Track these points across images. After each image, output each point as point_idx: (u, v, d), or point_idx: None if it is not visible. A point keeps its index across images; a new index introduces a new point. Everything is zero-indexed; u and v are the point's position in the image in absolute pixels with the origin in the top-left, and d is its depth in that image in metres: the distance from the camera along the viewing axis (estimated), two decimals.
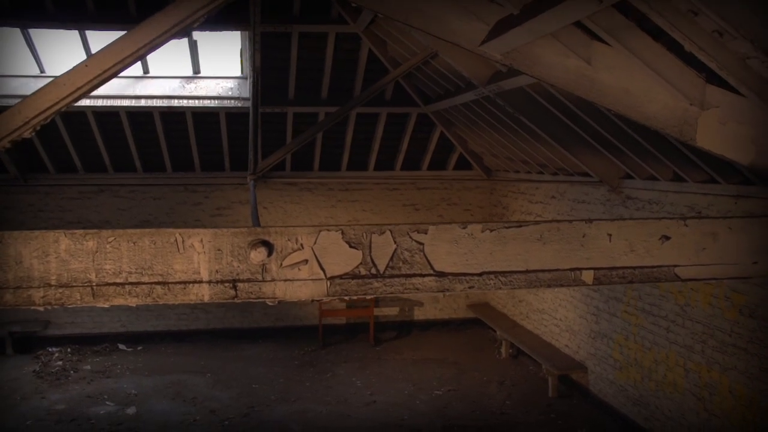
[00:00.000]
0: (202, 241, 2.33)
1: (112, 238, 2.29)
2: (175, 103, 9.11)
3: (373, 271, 2.41)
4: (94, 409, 7.96)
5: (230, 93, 9.28)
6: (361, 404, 8.18)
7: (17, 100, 8.73)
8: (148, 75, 9.37)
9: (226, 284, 2.34)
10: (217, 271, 2.35)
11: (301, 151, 9.93)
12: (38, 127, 2.40)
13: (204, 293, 2.33)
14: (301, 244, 2.38)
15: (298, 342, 10.52)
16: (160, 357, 10.00)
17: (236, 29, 8.13)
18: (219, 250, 2.35)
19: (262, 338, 10.78)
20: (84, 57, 8.95)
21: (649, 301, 6.90)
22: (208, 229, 2.34)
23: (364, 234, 2.41)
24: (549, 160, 8.39)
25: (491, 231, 2.48)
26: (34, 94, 2.41)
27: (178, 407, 8.08)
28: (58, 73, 9.22)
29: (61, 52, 9.67)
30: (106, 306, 2.29)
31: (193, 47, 9.06)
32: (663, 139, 5.74)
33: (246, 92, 9.21)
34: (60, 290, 2.27)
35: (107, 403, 8.17)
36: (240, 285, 2.35)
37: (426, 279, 2.44)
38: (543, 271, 2.52)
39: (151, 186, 10.39)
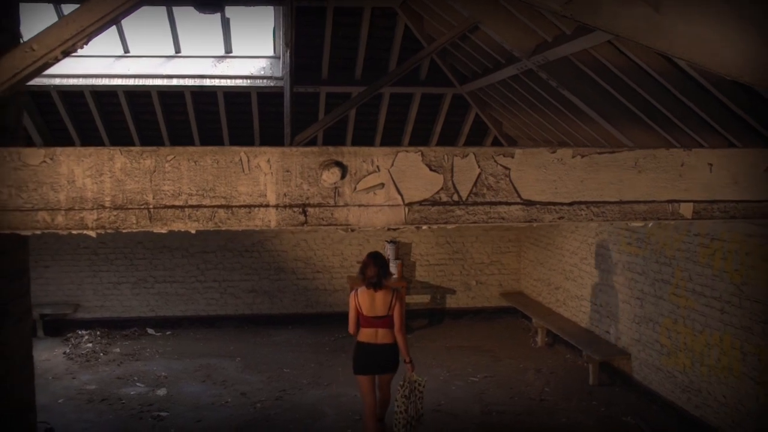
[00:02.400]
0: (269, 161, 2.12)
1: (172, 156, 2.09)
2: (207, 82, 8.95)
3: (455, 197, 2.18)
4: (125, 390, 7.83)
5: (262, 72, 9.10)
6: None
7: (50, 80, 8.46)
8: (179, 54, 9.24)
9: (295, 209, 2.13)
10: (285, 195, 2.13)
11: (333, 133, 9.73)
12: (92, 37, 2.22)
13: (271, 218, 2.11)
14: (377, 167, 2.15)
15: (328, 328, 10.32)
16: (189, 341, 9.88)
17: (270, 4, 7.97)
18: (288, 171, 2.13)
19: (292, 324, 10.61)
20: (116, 33, 8.86)
21: (700, 281, 6.60)
22: (276, 148, 2.13)
23: (446, 156, 2.18)
24: (591, 140, 8.10)
25: (582, 157, 2.24)
26: (87, 2, 2.23)
27: (209, 389, 7.93)
28: (92, 52, 8.97)
29: None
30: (164, 231, 2.10)
31: (226, 26, 8.91)
32: (720, 106, 5.45)
33: (278, 71, 9.03)
34: (115, 213, 2.07)
35: (138, 384, 8.04)
36: (310, 210, 2.13)
37: (512, 207, 2.20)
38: (638, 202, 2.28)
39: None
